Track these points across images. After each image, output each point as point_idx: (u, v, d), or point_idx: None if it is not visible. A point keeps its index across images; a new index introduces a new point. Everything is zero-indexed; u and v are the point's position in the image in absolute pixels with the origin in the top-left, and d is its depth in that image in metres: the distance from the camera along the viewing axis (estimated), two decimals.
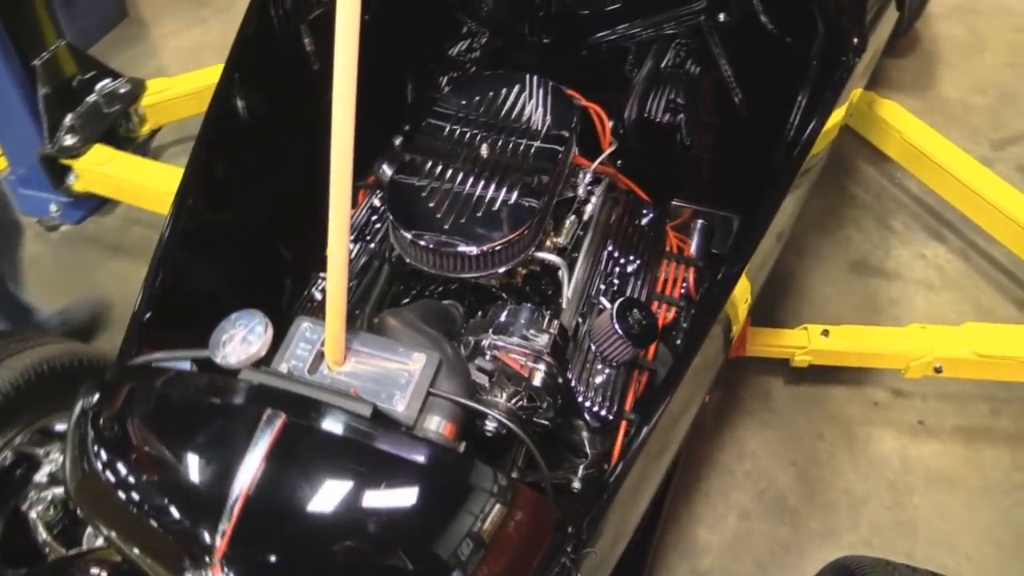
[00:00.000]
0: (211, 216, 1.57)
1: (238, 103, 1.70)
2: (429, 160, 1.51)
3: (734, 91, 1.66)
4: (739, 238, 1.85)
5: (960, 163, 2.78)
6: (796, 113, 1.63)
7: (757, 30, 1.53)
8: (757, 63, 1.62)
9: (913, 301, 2.71)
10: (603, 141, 1.78)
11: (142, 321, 1.32)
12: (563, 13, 1.69)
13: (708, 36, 1.59)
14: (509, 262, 1.41)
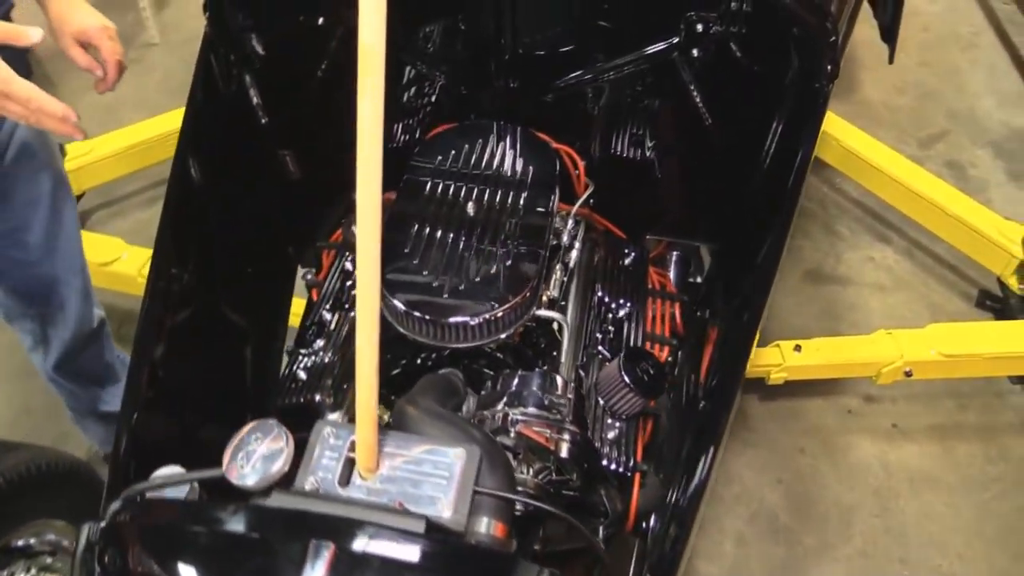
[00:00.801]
0: (187, 299, 1.47)
1: (194, 176, 1.59)
2: (414, 222, 1.43)
3: (706, 121, 1.63)
4: (723, 267, 1.83)
5: (894, 164, 2.86)
6: (772, 140, 1.62)
7: (729, 62, 1.51)
8: (729, 93, 1.61)
9: (869, 304, 2.77)
10: (578, 184, 1.74)
11: (131, 425, 1.20)
12: (529, 55, 1.64)
13: (680, 71, 1.56)
14: (512, 326, 1.35)
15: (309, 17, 1.60)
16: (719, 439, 1.32)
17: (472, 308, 1.30)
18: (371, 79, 0.72)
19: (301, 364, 1.53)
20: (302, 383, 1.50)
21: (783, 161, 1.59)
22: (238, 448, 0.94)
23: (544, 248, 1.42)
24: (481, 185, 1.51)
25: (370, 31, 0.71)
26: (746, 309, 1.52)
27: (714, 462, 1.32)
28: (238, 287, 1.78)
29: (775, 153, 1.62)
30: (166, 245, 1.51)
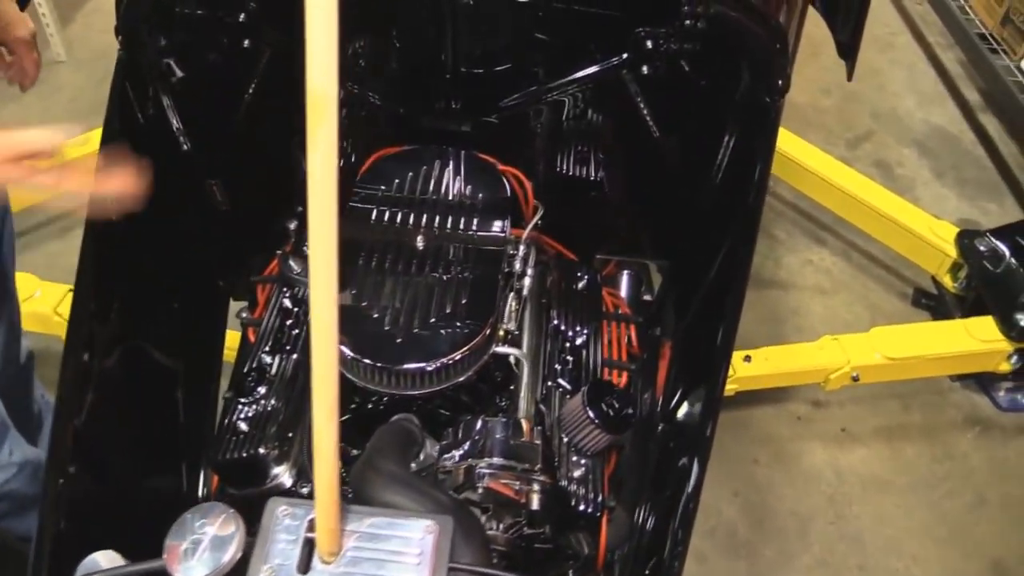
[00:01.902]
0: (112, 343, 1.38)
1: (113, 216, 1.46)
2: (360, 258, 1.34)
3: (654, 136, 1.58)
4: (675, 284, 1.79)
5: (825, 166, 2.89)
6: (724, 156, 1.58)
7: (679, 78, 1.47)
8: (678, 109, 1.56)
9: (811, 307, 2.78)
10: (526, 207, 1.67)
11: (56, 496, 1.08)
12: (471, 74, 1.56)
13: (629, 87, 1.51)
14: (471, 368, 1.27)
15: (233, 40, 1.49)
16: (705, 458, 1.28)
17: (428, 352, 1.22)
18: (323, 129, 0.64)
19: (241, 414, 1.41)
20: (243, 435, 1.38)
21: (736, 176, 1.56)
22: (180, 535, 0.84)
23: (500, 281, 1.34)
24: (429, 215, 1.42)
25: (321, 74, 0.62)
26: (706, 327, 1.48)
27: (700, 484, 1.28)
28: (166, 325, 1.67)
29: (727, 168, 1.59)
30: (85, 287, 1.38)
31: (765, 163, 1.48)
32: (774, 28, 1.41)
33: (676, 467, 1.36)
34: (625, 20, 1.43)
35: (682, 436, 1.48)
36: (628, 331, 1.69)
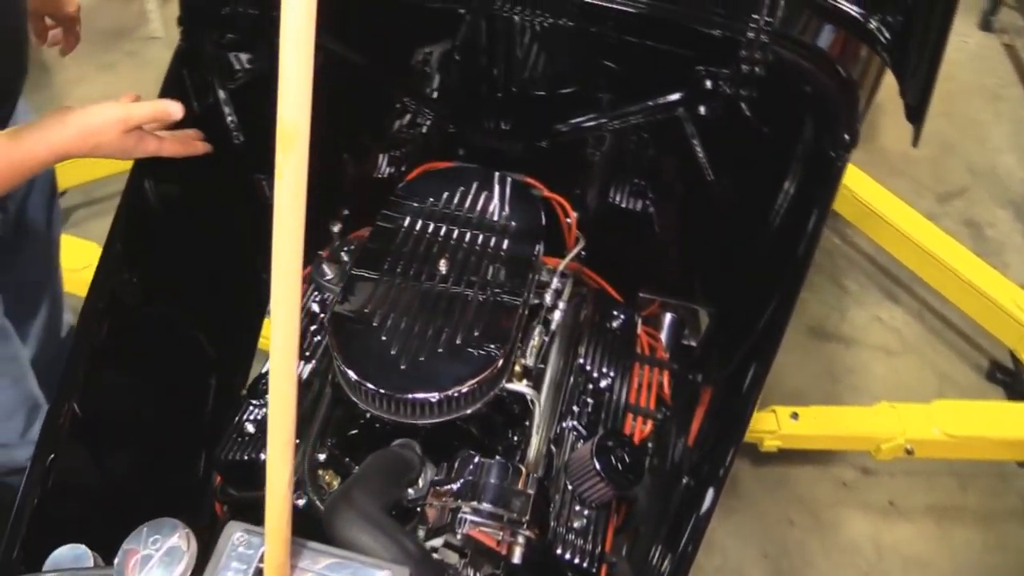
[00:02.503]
0: (137, 321, 1.38)
1: (148, 190, 1.48)
2: (378, 277, 1.31)
3: (708, 179, 1.51)
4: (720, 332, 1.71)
5: (908, 221, 2.74)
6: (780, 205, 1.49)
7: (737, 121, 1.39)
8: (735, 154, 1.49)
9: (873, 368, 2.64)
10: (568, 236, 1.62)
11: (43, 472, 1.08)
12: (522, 97, 1.52)
13: (685, 126, 1.44)
14: (476, 403, 1.22)
15: None
16: (706, 515, 1.20)
17: (432, 383, 1.18)
18: (291, 162, 0.61)
19: (251, 415, 1.41)
20: (248, 437, 1.38)
21: (791, 228, 1.47)
22: (131, 551, 0.82)
23: (518, 316, 1.29)
24: (457, 239, 1.39)
25: (292, 108, 0.59)
26: (745, 377, 1.39)
27: (699, 537, 1.19)
28: (206, 311, 1.67)
29: (783, 219, 1.50)
30: (113, 259, 1.38)
31: (820, 217, 1.38)
32: (844, 79, 1.32)
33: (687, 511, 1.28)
34: (688, 58, 1.37)
35: (700, 482, 1.39)
36: (661, 377, 1.62)
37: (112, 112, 1.15)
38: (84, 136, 1.14)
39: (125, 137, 1.16)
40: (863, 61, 1.34)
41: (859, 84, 1.34)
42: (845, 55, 1.31)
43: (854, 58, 1.31)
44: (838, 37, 1.29)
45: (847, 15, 1.24)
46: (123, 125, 1.15)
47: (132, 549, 0.83)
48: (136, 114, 1.16)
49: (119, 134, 1.15)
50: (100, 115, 1.14)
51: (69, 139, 1.13)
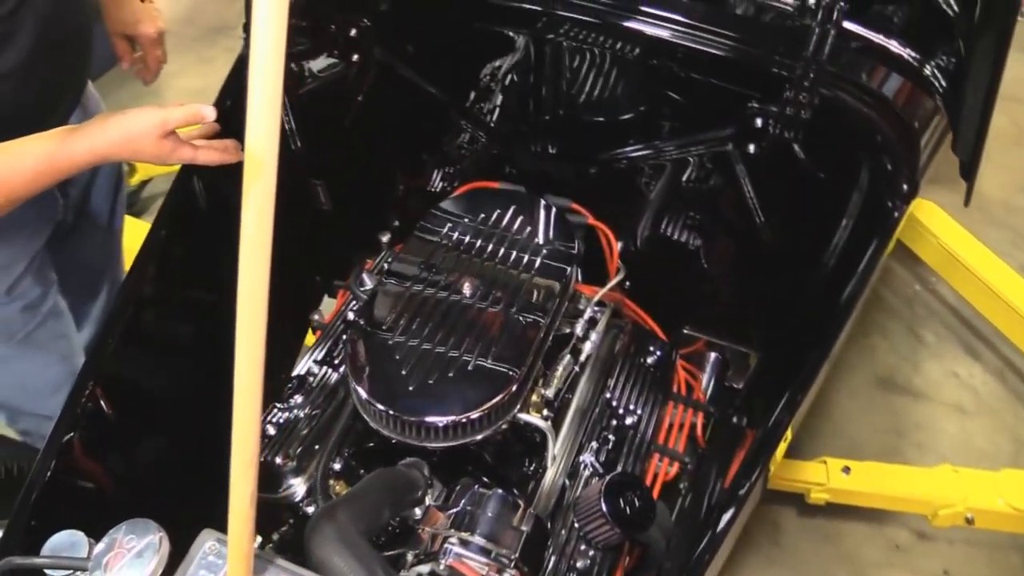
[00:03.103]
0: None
1: (197, 186, 1.51)
2: (400, 299, 1.31)
3: (758, 219, 1.46)
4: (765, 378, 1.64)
5: (997, 273, 2.57)
6: (832, 252, 1.43)
7: (790, 162, 1.33)
8: (787, 195, 1.43)
9: (942, 426, 2.49)
10: (610, 266, 1.59)
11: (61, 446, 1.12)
12: (571, 122, 1.50)
13: (734, 164, 1.39)
14: (485, 430, 1.21)
15: (344, 52, 1.51)
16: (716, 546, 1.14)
17: (440, 407, 1.17)
18: (258, 189, 0.60)
19: (273, 418, 1.43)
20: (267, 439, 1.40)
21: (842, 276, 1.40)
22: (107, 547, 0.84)
23: (537, 345, 1.27)
24: (485, 263, 1.38)
25: (259, 136, 0.59)
26: (772, 416, 1.33)
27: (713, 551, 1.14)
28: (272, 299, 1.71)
29: (835, 266, 1.43)
30: (154, 249, 1.42)
31: (870, 267, 1.31)
32: (906, 127, 1.25)
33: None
34: (741, 94, 1.32)
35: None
36: (695, 418, 1.57)
37: (150, 118, 1.18)
38: (124, 141, 1.18)
39: (161, 143, 1.20)
40: (926, 109, 1.26)
41: (921, 132, 1.26)
42: (906, 101, 1.23)
43: (916, 105, 1.24)
44: (898, 82, 1.22)
45: (902, 59, 1.17)
46: (160, 130, 1.18)
47: (106, 544, 0.84)
48: (172, 118, 1.19)
49: (156, 139, 1.18)
50: (139, 120, 1.18)
51: (110, 143, 1.17)
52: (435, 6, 1.45)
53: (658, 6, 1.25)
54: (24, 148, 1.15)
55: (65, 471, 1.14)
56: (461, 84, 1.61)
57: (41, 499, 1.09)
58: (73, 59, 1.45)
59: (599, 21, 1.33)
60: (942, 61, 1.18)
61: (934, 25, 1.16)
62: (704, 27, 1.24)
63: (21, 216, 1.46)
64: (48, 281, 1.57)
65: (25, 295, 1.52)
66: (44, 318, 1.57)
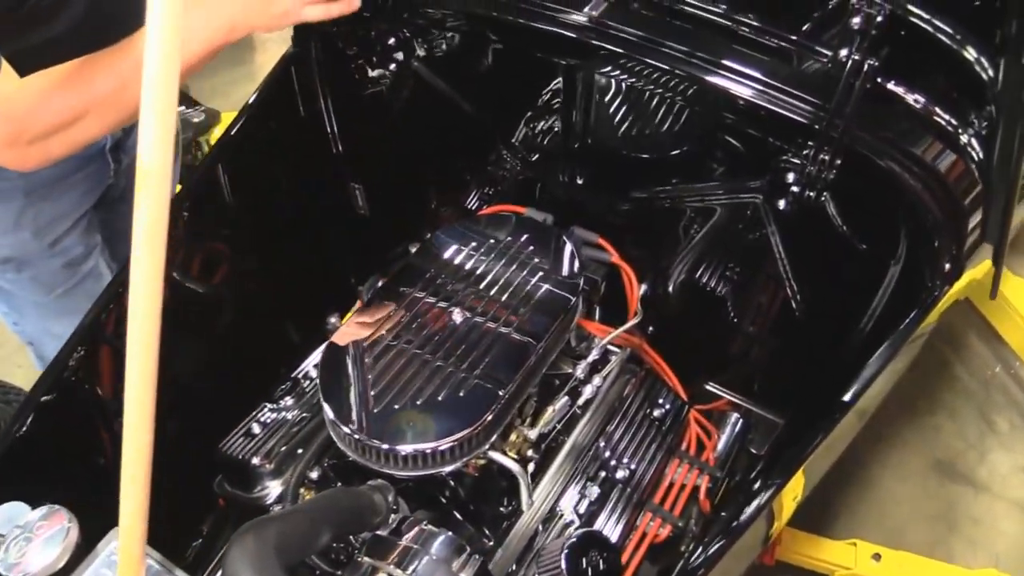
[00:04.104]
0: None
1: (222, 177, 1.51)
2: (388, 315, 1.28)
3: (788, 284, 1.36)
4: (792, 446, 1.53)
5: None
6: (866, 325, 1.32)
7: (824, 225, 1.24)
8: (819, 259, 1.33)
9: (1001, 525, 2.28)
10: (630, 308, 1.51)
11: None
12: (603, 155, 1.44)
13: (764, 219, 1.30)
14: (451, 463, 1.16)
15: (383, 61, 1.49)
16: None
17: (405, 435, 1.13)
18: (150, 204, 0.58)
19: (261, 417, 1.42)
20: (252, 438, 1.39)
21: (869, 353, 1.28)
22: (23, 529, 0.84)
23: (516, 385, 1.21)
24: (485, 291, 1.33)
25: (152, 150, 0.56)
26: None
27: None
28: (291, 303, 1.72)
29: (865, 342, 1.32)
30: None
31: (897, 344, 1.19)
32: (954, 204, 1.13)
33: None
34: (777, 148, 1.23)
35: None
36: (700, 479, 1.48)
37: None
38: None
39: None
40: (970, 183, 1.14)
41: (970, 212, 1.14)
42: (953, 174, 1.12)
43: (963, 179, 1.12)
44: (942, 151, 1.11)
45: (941, 125, 1.06)
46: None
47: (12, 527, 0.84)
48: None
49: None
50: None
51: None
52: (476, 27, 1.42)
53: (695, 46, 1.18)
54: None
55: (33, 438, 1.15)
56: (502, 105, 1.58)
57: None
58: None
59: (643, 59, 1.26)
60: (980, 127, 1.06)
61: (969, 90, 1.04)
62: (739, 71, 1.16)
63: (73, 175, 1.51)
64: (92, 243, 1.62)
65: (67, 251, 1.57)
66: (83, 278, 1.62)
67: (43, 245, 1.52)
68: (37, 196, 1.46)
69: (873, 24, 0.96)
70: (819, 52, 1.09)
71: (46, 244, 1.53)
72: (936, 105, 1.05)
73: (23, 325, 1.71)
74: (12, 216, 1.46)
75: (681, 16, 1.21)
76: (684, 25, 1.22)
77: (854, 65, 1.00)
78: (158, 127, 0.56)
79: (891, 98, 1.07)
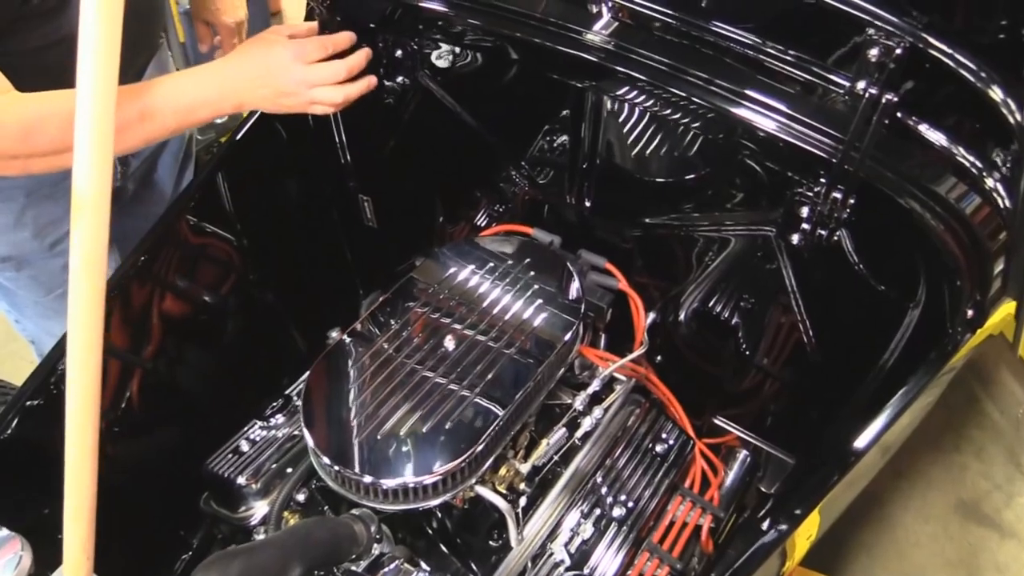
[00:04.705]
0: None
1: (222, 184, 1.48)
2: (374, 343, 1.24)
3: (800, 320, 1.29)
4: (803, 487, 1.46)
5: None
6: (882, 368, 1.25)
7: (839, 262, 1.17)
8: (834, 297, 1.26)
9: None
10: (636, 337, 1.46)
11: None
12: (613, 179, 1.39)
13: (778, 254, 1.24)
14: (436, 498, 1.11)
15: (389, 74, 1.45)
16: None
17: (387, 467, 1.08)
18: (85, 232, 0.54)
19: (251, 434, 1.39)
20: (239, 455, 1.36)
21: (884, 398, 1.21)
22: None
23: (509, 414, 1.16)
24: (482, 314, 1.28)
25: (87, 177, 0.52)
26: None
27: None
28: (295, 315, 1.69)
29: (880, 385, 1.25)
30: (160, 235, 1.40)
31: (917, 390, 1.12)
32: (980, 249, 1.06)
33: None
34: (792, 180, 1.17)
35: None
36: (702, 519, 1.42)
37: (281, 52, 1.18)
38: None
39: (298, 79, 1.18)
40: (996, 228, 1.06)
41: (995, 257, 1.07)
42: (979, 218, 1.05)
43: (988, 224, 1.05)
44: (967, 193, 1.04)
45: (966, 167, 0.99)
46: (296, 61, 1.18)
47: None
48: (306, 51, 1.18)
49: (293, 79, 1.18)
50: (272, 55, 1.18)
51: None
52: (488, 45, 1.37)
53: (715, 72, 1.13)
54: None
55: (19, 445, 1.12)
56: (510, 123, 1.53)
57: None
58: (142, 17, 1.45)
59: (665, 86, 1.21)
60: (1003, 173, 0.99)
61: (995, 131, 0.98)
62: (761, 102, 1.11)
63: None
64: None
65: (68, 253, 1.56)
66: None
67: (43, 245, 1.50)
68: (39, 196, 1.44)
69: (892, 57, 0.90)
70: (838, 84, 1.03)
71: (46, 244, 1.51)
72: (960, 145, 0.98)
73: (24, 323, 1.70)
74: (13, 215, 1.45)
75: (703, 43, 1.16)
76: (705, 52, 1.17)
77: (871, 99, 0.94)
78: (94, 155, 0.53)
79: (912, 135, 1.00)
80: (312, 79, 1.20)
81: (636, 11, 1.18)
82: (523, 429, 1.28)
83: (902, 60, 0.91)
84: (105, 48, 0.49)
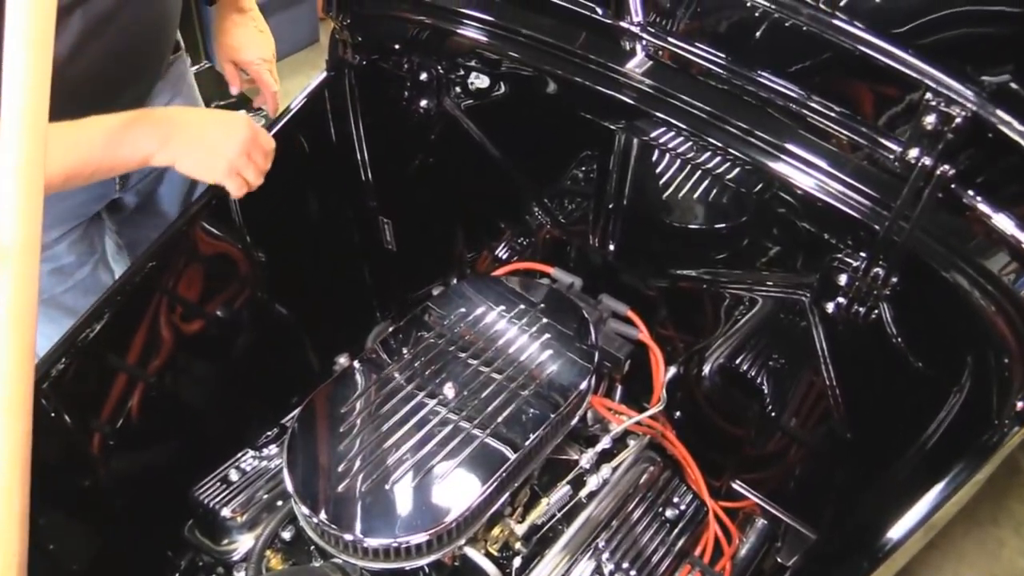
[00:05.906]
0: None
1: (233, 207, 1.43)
2: (376, 376, 1.17)
3: (831, 392, 1.20)
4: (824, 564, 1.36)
5: None
6: (915, 456, 1.15)
7: (877, 335, 1.08)
8: (870, 371, 1.17)
9: None
10: (655, 392, 1.37)
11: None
12: (637, 223, 1.31)
13: (810, 317, 1.15)
14: (420, 559, 1.04)
15: (412, 98, 1.39)
16: None
17: (370, 524, 1.01)
18: (10, 285, 0.48)
19: (242, 463, 1.33)
20: (227, 485, 1.30)
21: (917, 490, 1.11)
22: None
23: (507, 470, 1.09)
24: (491, 358, 1.21)
25: (13, 228, 0.46)
26: None
27: None
28: (308, 337, 1.64)
29: (913, 475, 1.15)
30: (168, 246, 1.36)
31: (959, 480, 1.02)
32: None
33: None
34: (831, 245, 1.08)
35: None
36: None
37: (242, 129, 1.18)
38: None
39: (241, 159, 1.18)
40: None
41: None
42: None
43: None
44: (1020, 274, 0.94)
45: (1018, 244, 0.89)
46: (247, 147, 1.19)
47: None
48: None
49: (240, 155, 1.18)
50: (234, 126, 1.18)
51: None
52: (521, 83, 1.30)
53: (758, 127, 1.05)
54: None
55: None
56: (534, 158, 1.45)
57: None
58: (148, 44, 1.41)
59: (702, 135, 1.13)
60: None
61: None
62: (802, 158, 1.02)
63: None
64: (88, 253, 1.56)
65: (56, 259, 1.52)
66: (73, 286, 1.56)
67: None
68: None
69: (951, 127, 0.81)
70: (888, 148, 0.94)
71: None
72: (1020, 225, 0.89)
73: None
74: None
75: (744, 91, 1.08)
76: (747, 100, 1.08)
77: (924, 169, 0.85)
78: (22, 200, 0.46)
79: (965, 208, 0.91)
80: (243, 169, 1.21)
81: (676, 53, 1.11)
82: (525, 484, 1.20)
83: (962, 131, 0.82)
84: (33, 94, 0.43)
